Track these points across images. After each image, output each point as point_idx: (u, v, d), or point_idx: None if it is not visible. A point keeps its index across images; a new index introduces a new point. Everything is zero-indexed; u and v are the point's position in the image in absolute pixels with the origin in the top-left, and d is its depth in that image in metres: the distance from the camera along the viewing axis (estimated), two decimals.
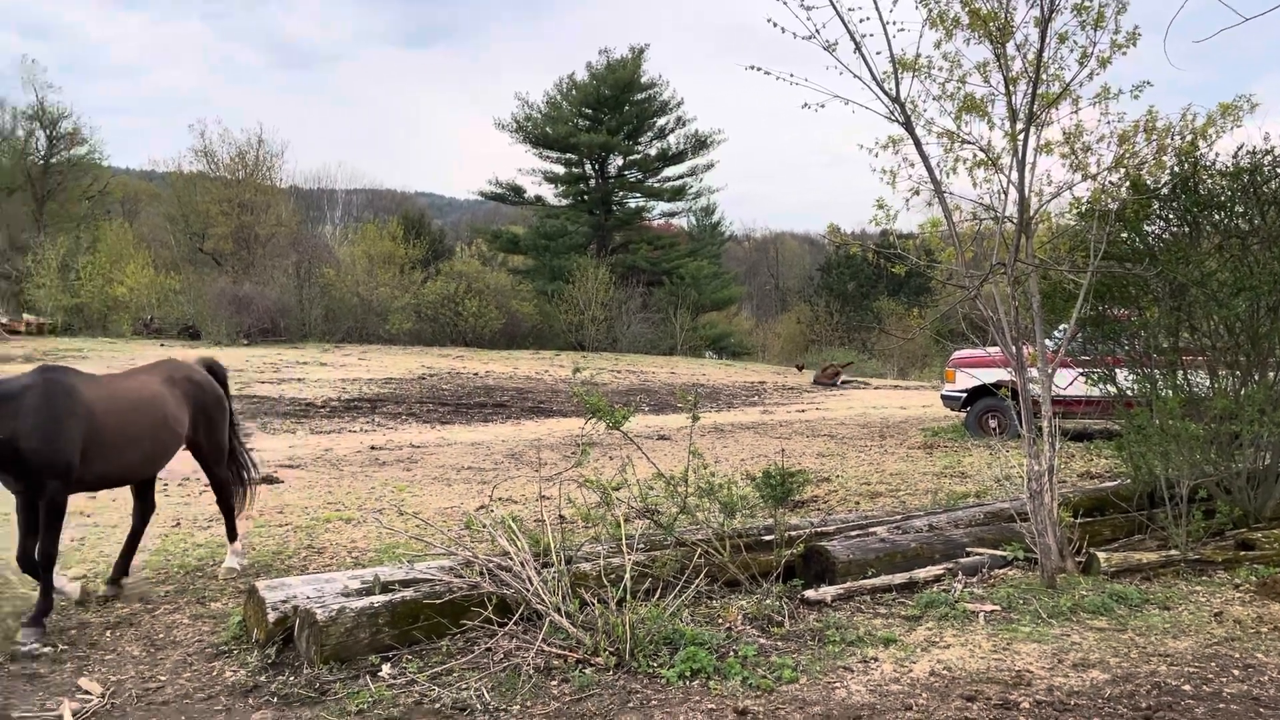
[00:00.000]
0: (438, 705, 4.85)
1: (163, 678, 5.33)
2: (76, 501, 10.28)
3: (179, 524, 9.22)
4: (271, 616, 5.54)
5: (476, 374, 33.67)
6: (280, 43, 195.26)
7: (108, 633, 6.05)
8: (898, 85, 6.95)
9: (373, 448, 15.67)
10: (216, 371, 7.80)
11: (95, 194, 65.88)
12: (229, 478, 7.70)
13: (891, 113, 6.99)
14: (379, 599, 5.57)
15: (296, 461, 13.69)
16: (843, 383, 33.45)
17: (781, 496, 6.73)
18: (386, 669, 5.25)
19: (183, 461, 13.90)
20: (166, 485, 11.43)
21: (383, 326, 48.69)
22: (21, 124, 63.29)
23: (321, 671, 5.20)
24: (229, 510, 7.65)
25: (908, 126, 7.00)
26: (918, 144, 7.01)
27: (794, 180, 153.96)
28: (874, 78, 6.86)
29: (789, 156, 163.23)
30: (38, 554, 6.06)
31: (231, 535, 7.63)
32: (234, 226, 53.29)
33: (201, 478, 12.17)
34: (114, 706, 4.92)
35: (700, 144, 57.44)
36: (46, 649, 5.72)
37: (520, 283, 54.85)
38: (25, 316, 46.81)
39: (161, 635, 6.00)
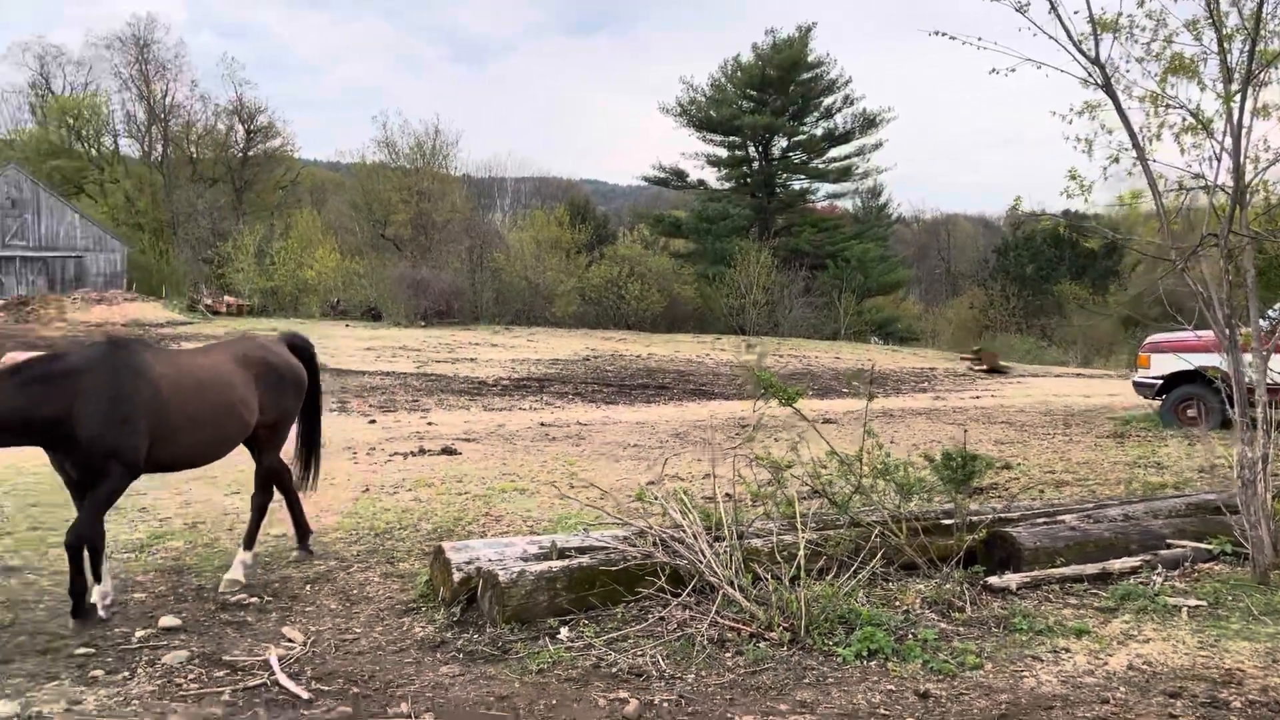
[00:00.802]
0: (614, 670, 4.93)
1: (357, 630, 5.64)
2: None
3: (368, 489, 9.72)
4: (456, 577, 5.77)
5: (639, 356, 34.11)
6: (455, 36, 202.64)
7: (307, 587, 6.45)
8: (1097, 46, 6.53)
9: (542, 424, 16.09)
10: (301, 348, 7.06)
11: (287, 184, 70.44)
12: (281, 468, 6.98)
13: (1089, 75, 6.57)
14: (557, 564, 5.71)
15: (472, 435, 14.21)
16: (1002, 366, 31.91)
17: (963, 479, 6.49)
18: (565, 632, 5.37)
19: (365, 431, 14.74)
20: (355, 454, 12.11)
21: (549, 309, 49.97)
22: (223, 119, 68.36)
23: (503, 631, 5.38)
24: (261, 508, 6.84)
25: (1108, 89, 6.57)
26: (1119, 107, 6.57)
27: (967, 160, 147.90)
28: (1070, 39, 6.48)
29: (961, 135, 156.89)
30: (76, 534, 5.49)
31: (250, 541, 6.72)
32: (413, 213, 55.81)
33: (386, 446, 12.88)
34: (315, 654, 5.24)
35: (868, 123, 56.11)
36: (253, 599, 6.15)
37: (681, 266, 55.12)
38: (226, 298, 50.53)
39: (355, 591, 6.35)
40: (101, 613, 5.71)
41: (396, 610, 5.95)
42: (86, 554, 5.64)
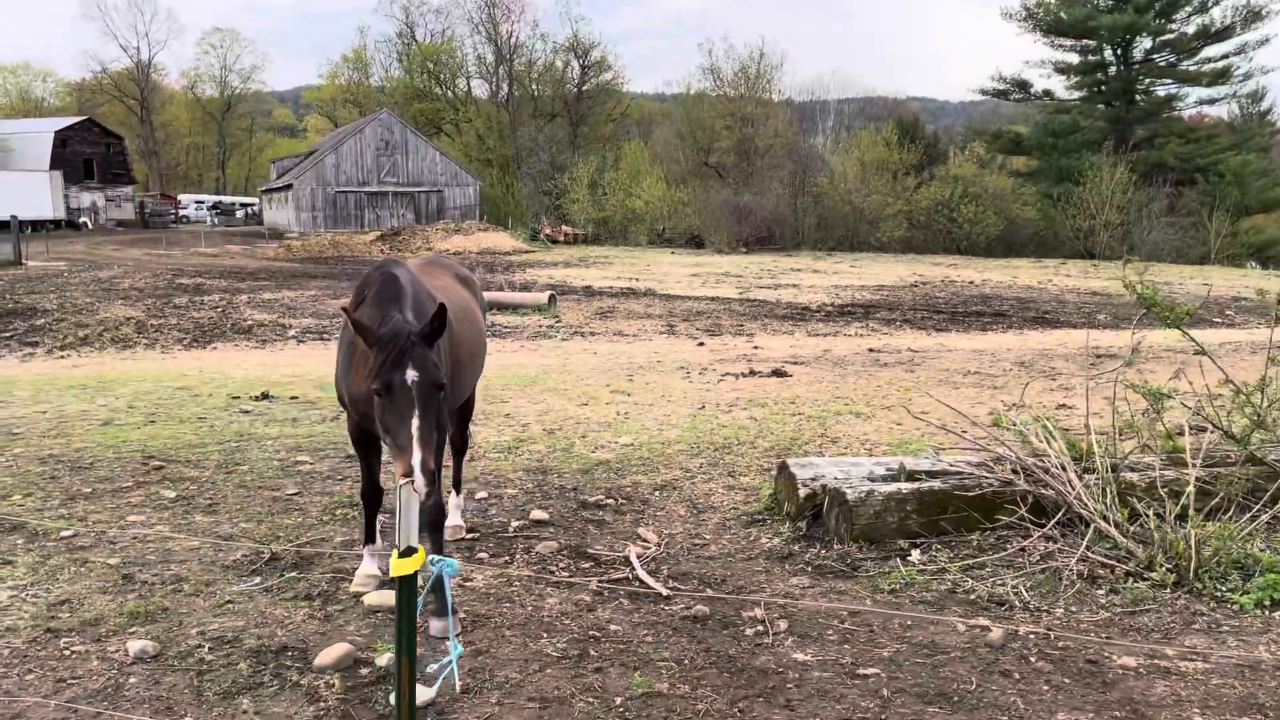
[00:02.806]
0: (973, 597, 4.73)
1: (707, 536, 5.83)
2: (616, 382, 11.65)
3: (704, 407, 9.99)
4: (802, 492, 5.78)
5: (971, 282, 32.32)
6: None
7: (656, 493, 6.76)
8: None
9: (871, 350, 15.73)
10: None
11: (617, 116, 73.45)
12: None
13: None
14: (906, 486, 5.54)
15: (799, 359, 14.18)
16: None
17: None
18: (916, 554, 5.22)
19: (694, 352, 15.16)
20: (688, 373, 12.50)
21: (873, 234, 48.59)
22: (560, 56, 72.27)
23: (851, 549, 5.33)
24: (464, 446, 6.16)
25: None
26: None
27: None
28: None
29: None
30: (432, 515, 4.48)
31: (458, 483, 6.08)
32: (735, 140, 56.19)
33: (716, 367, 13.18)
34: (669, 555, 5.49)
35: (1252, 15, 48.74)
36: (609, 500, 6.54)
37: (1021, 186, 51.34)
38: (564, 227, 53.93)
39: (701, 500, 6.57)
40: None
41: (742, 520, 6.08)
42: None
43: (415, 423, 3.63)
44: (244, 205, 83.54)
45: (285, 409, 9.78)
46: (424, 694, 3.60)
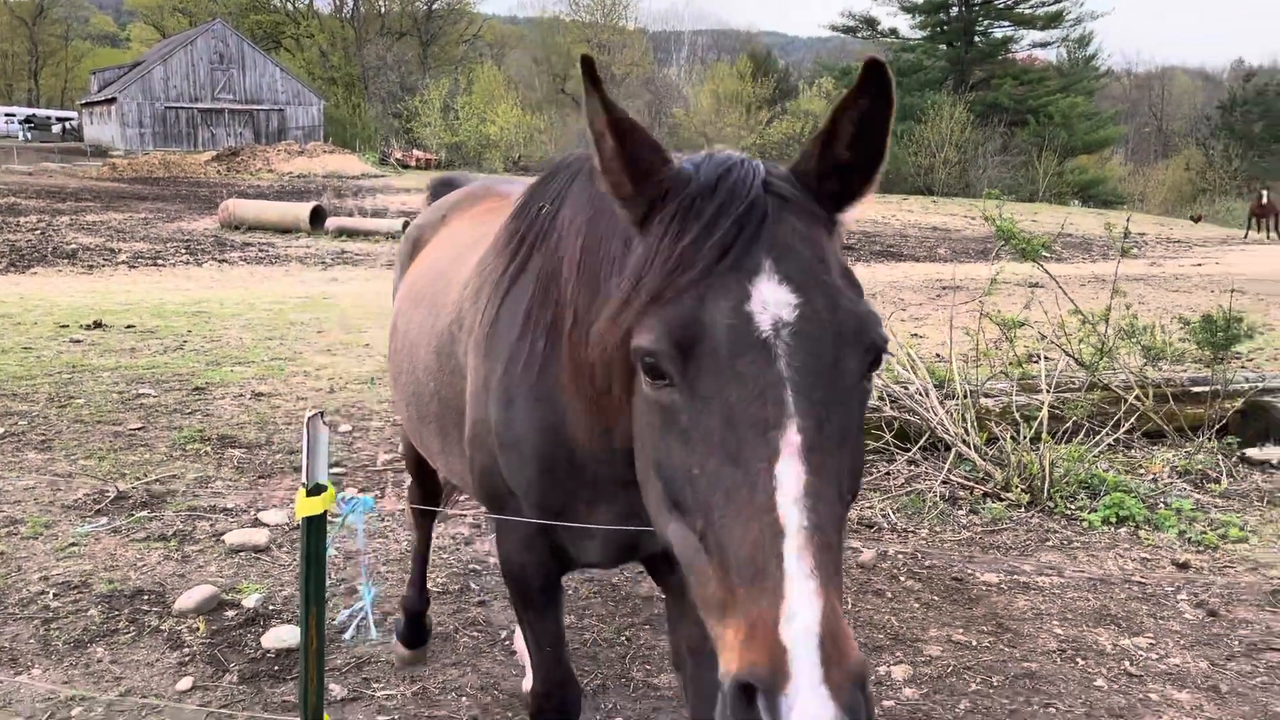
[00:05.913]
0: None
1: None
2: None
3: None
4: None
5: None
6: None
7: None
8: None
9: None
10: None
11: (470, 37, 70.96)
12: None
13: None
14: None
15: None
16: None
17: (1224, 344, 5.94)
18: None
19: None
20: None
21: None
22: None
23: None
24: None
25: None
26: None
27: (1191, 5, 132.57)
28: None
29: None
30: None
31: None
32: None
33: None
34: None
35: None
36: None
37: None
38: (415, 152, 52.06)
39: None
40: None
41: None
42: None
43: (796, 469, 1.31)
44: (61, 119, 76.74)
45: (121, 338, 9.12)
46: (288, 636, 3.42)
